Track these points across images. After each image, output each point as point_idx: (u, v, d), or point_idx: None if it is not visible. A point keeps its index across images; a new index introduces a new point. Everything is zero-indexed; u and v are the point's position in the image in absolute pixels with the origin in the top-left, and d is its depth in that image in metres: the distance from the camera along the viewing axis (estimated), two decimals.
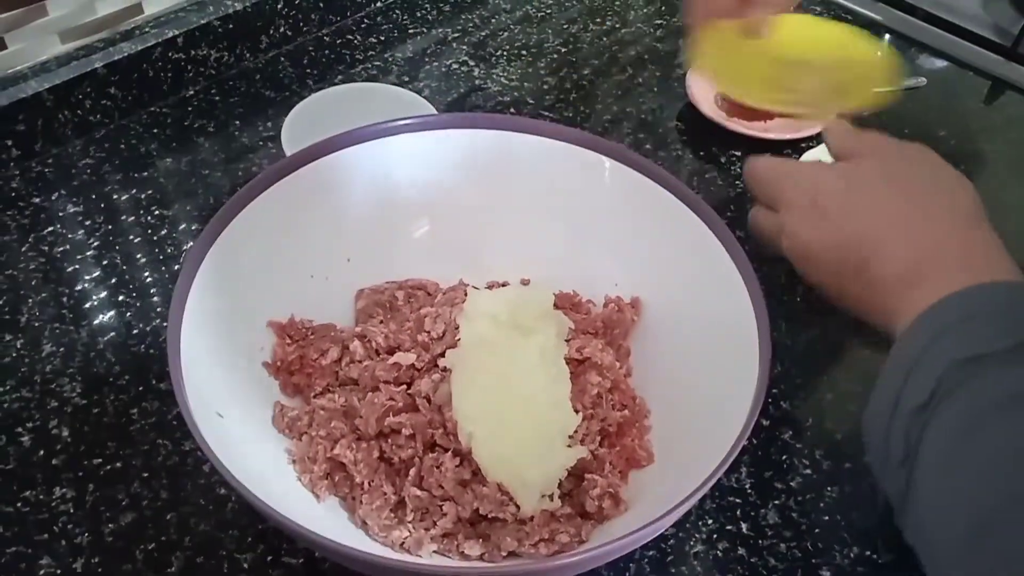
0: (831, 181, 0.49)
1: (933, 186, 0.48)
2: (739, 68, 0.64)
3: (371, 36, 0.91)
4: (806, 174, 0.50)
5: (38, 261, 0.68)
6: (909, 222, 0.46)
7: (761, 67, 0.64)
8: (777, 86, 0.64)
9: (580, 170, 0.60)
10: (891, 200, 0.47)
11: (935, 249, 0.44)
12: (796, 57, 0.64)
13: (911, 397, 0.39)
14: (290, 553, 0.52)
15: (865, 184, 0.48)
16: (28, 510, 0.53)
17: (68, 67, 0.75)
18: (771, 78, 0.64)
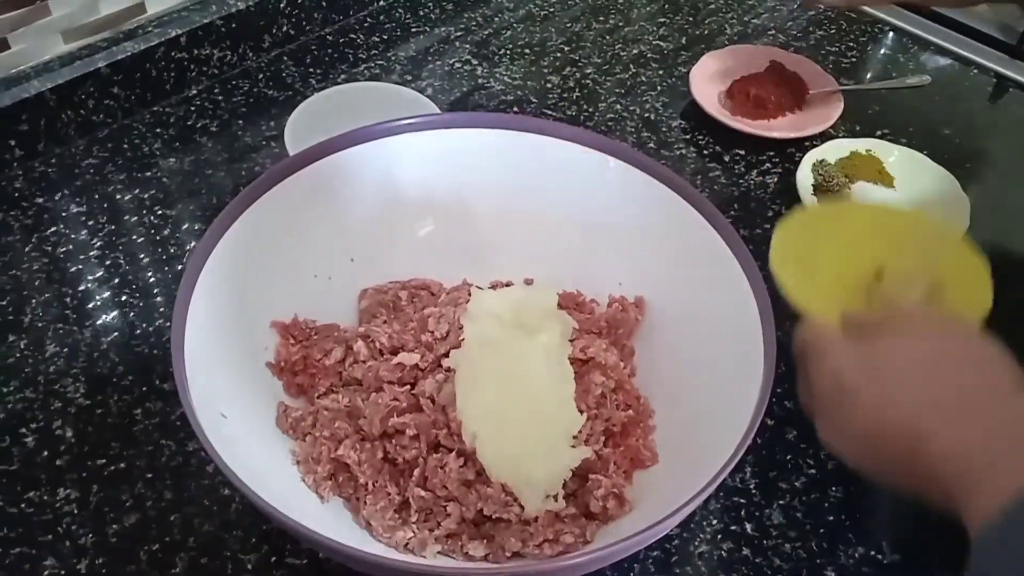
0: (855, 368, 0.45)
1: (966, 360, 0.45)
2: (817, 277, 0.59)
3: (374, 35, 0.91)
4: (829, 358, 0.46)
5: (41, 261, 0.68)
6: (951, 406, 0.42)
7: (841, 278, 0.59)
8: (856, 299, 0.59)
9: (584, 169, 0.60)
10: (925, 383, 0.44)
11: (989, 430, 0.41)
12: (878, 261, 0.59)
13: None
14: (294, 554, 0.52)
15: (893, 367, 0.45)
16: (32, 511, 0.53)
17: (71, 67, 0.75)
18: (851, 290, 0.59)
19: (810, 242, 0.60)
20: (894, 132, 0.82)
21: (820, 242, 0.61)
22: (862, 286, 0.59)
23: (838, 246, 0.61)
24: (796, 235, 0.60)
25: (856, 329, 0.48)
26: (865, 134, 0.80)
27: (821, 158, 0.76)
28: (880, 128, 0.83)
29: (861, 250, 0.62)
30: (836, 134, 0.81)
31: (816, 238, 0.61)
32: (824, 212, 0.65)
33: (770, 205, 0.76)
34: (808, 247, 0.60)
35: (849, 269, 0.60)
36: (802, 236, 0.60)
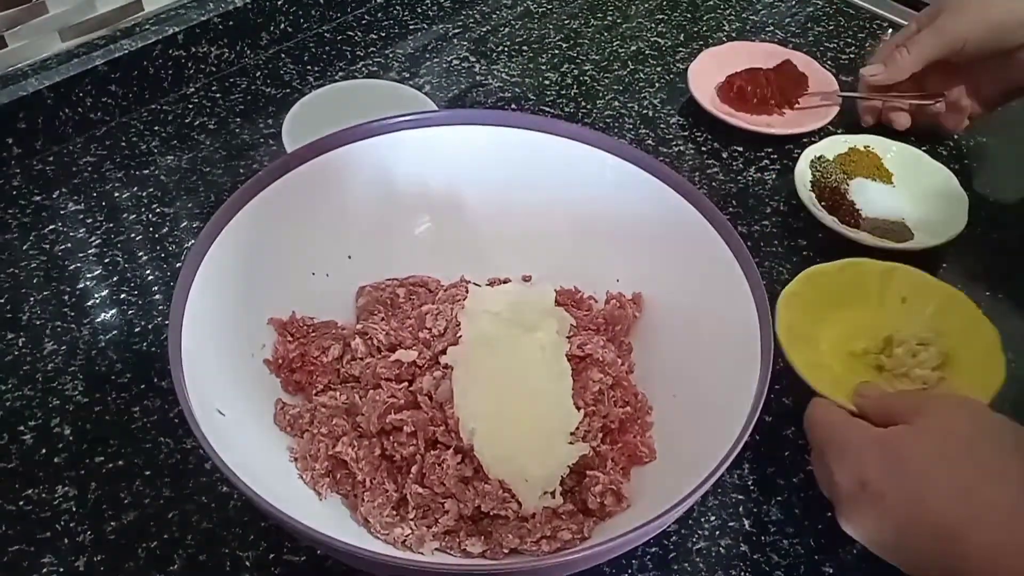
0: (879, 467, 0.44)
1: (991, 448, 0.43)
2: (825, 349, 0.60)
3: (372, 32, 0.91)
4: (850, 456, 0.46)
5: (39, 259, 0.68)
6: (979, 502, 0.41)
7: (849, 348, 0.61)
8: (867, 370, 0.60)
9: (581, 166, 0.60)
10: (952, 478, 0.42)
11: (1017, 532, 0.40)
12: (887, 327, 0.61)
13: None
14: (292, 551, 0.52)
15: (918, 463, 0.43)
16: (30, 508, 0.53)
17: (68, 65, 0.75)
18: (861, 361, 0.61)
19: (814, 311, 0.61)
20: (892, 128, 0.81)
21: (824, 309, 0.61)
22: (872, 355, 0.60)
23: (843, 311, 0.62)
24: (800, 304, 0.60)
25: (873, 412, 0.48)
26: (863, 130, 0.80)
27: (819, 154, 0.76)
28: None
29: (867, 314, 0.62)
30: (834, 130, 0.81)
31: (820, 304, 0.61)
32: (826, 273, 0.63)
33: (768, 201, 0.76)
34: (812, 316, 0.60)
35: (857, 337, 0.61)
36: (806, 304, 0.60)
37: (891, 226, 0.72)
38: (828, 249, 0.71)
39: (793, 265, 0.70)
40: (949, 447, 0.43)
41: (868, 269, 0.64)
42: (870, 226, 0.71)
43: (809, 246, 0.72)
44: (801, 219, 0.73)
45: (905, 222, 0.72)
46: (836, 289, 0.62)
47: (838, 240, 0.70)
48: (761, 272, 0.52)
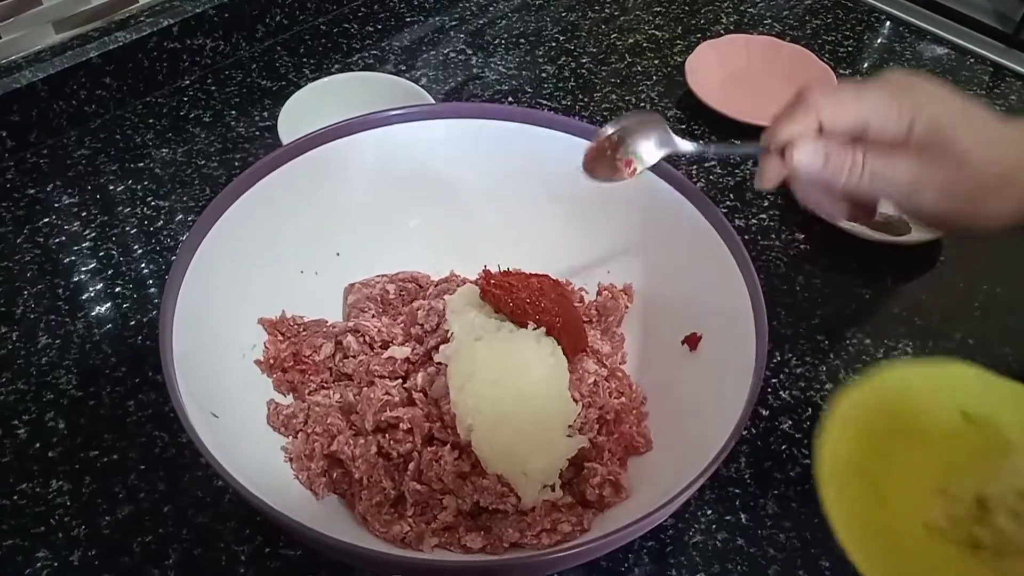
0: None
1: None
2: (893, 518, 0.40)
3: (368, 24, 0.91)
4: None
5: (33, 253, 0.67)
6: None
7: (926, 515, 0.40)
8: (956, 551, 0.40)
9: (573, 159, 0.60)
10: None
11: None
12: (972, 481, 0.41)
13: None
14: (288, 545, 0.52)
15: None
16: (25, 503, 0.53)
17: (62, 57, 0.74)
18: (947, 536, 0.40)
19: (871, 460, 0.41)
20: None
21: (885, 459, 0.41)
22: (959, 526, 0.40)
23: (896, 452, 0.41)
24: (850, 447, 0.41)
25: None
26: None
27: None
28: None
29: (925, 452, 0.41)
30: None
31: (876, 452, 0.41)
32: (882, 397, 0.43)
33: (766, 195, 0.75)
34: (869, 468, 0.41)
35: (923, 493, 0.41)
36: (858, 447, 0.41)
37: (889, 219, 0.71)
38: (825, 243, 0.71)
39: (790, 258, 0.70)
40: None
41: (907, 376, 0.46)
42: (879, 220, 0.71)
43: (806, 239, 0.72)
44: (798, 212, 0.73)
45: (903, 215, 0.72)
46: (881, 417, 0.43)
47: (835, 233, 0.70)
48: (758, 266, 0.52)
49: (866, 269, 0.70)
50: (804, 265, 0.70)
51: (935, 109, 0.45)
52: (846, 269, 0.70)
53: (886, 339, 0.65)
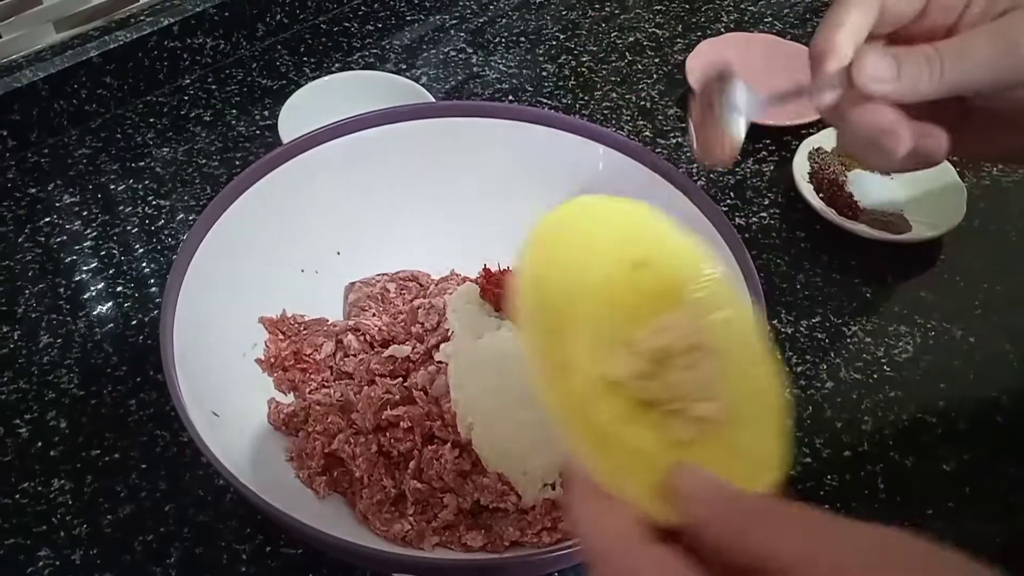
0: None
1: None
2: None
3: (368, 23, 0.90)
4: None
5: (35, 252, 0.67)
6: None
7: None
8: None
9: (574, 158, 0.60)
10: None
11: None
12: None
13: None
14: (289, 544, 0.52)
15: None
16: (26, 502, 0.53)
17: (63, 56, 0.74)
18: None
19: (559, 299, 0.36)
20: None
21: (570, 302, 0.36)
22: (636, 377, 0.35)
23: (589, 310, 0.36)
24: (544, 278, 0.36)
25: (727, 537, 0.26)
26: None
27: (818, 146, 0.76)
28: None
29: (623, 308, 0.36)
30: None
31: (563, 294, 0.36)
32: (573, 232, 0.40)
33: (766, 193, 0.75)
34: (558, 308, 0.36)
35: (603, 342, 0.35)
36: (555, 276, 0.37)
37: (889, 218, 0.71)
38: (826, 241, 0.71)
39: (791, 257, 0.70)
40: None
41: (600, 211, 0.40)
42: (868, 218, 0.71)
43: (807, 238, 0.72)
44: (799, 211, 0.73)
45: (903, 214, 0.72)
46: (578, 253, 0.38)
47: (836, 232, 0.70)
48: (758, 264, 0.52)
49: (867, 267, 0.70)
50: (804, 263, 0.70)
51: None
52: (847, 267, 0.70)
53: (887, 337, 0.65)
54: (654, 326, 0.36)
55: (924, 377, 0.63)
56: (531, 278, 0.36)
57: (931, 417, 0.61)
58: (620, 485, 0.28)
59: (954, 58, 0.37)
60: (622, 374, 0.34)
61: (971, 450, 0.59)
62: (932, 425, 0.60)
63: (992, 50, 0.37)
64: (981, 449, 0.59)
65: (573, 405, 0.32)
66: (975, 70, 0.37)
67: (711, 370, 0.35)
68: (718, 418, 0.34)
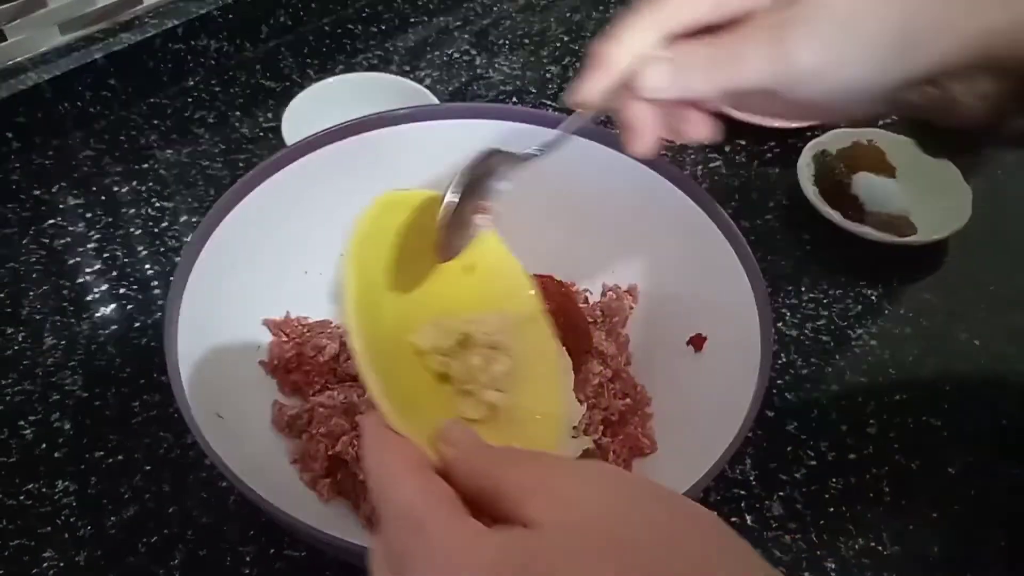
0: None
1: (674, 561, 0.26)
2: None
3: (372, 25, 0.91)
4: (439, 557, 0.27)
5: (39, 254, 0.67)
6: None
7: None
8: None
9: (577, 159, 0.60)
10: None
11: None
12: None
13: None
14: (292, 546, 0.52)
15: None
16: (31, 503, 0.53)
17: (68, 58, 0.74)
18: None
19: (384, 259, 0.40)
20: (896, 122, 0.81)
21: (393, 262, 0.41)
22: (439, 356, 0.41)
23: (412, 272, 0.41)
24: (374, 246, 0.40)
25: (463, 475, 0.30)
26: (867, 124, 0.80)
27: (822, 148, 0.75)
28: (882, 118, 0.82)
29: (434, 285, 0.41)
30: (838, 124, 0.80)
31: (392, 251, 0.41)
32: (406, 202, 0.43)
33: (771, 196, 0.75)
34: (382, 267, 0.40)
35: (419, 318, 0.41)
36: (380, 247, 0.41)
37: (894, 220, 0.71)
38: (831, 243, 0.71)
39: (796, 259, 0.70)
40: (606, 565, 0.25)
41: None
42: (873, 220, 0.71)
43: (812, 240, 0.72)
44: (804, 213, 0.72)
45: (908, 216, 0.72)
46: (413, 232, 0.41)
47: (841, 234, 0.70)
48: (763, 267, 0.52)
49: (871, 270, 0.70)
50: (809, 266, 0.70)
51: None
52: (851, 270, 0.70)
53: (892, 340, 0.65)
54: (465, 317, 0.42)
55: (929, 380, 0.63)
56: (363, 237, 0.40)
57: (936, 420, 0.61)
58: (404, 426, 0.33)
59: (727, 64, 0.38)
60: (426, 345, 0.40)
61: (976, 453, 0.59)
62: (937, 428, 0.60)
63: (764, 59, 0.37)
64: (986, 452, 0.59)
65: (379, 354, 0.35)
66: (747, 77, 0.38)
67: (505, 369, 0.41)
68: (503, 409, 0.40)
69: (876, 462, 0.58)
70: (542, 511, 0.27)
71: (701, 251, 0.55)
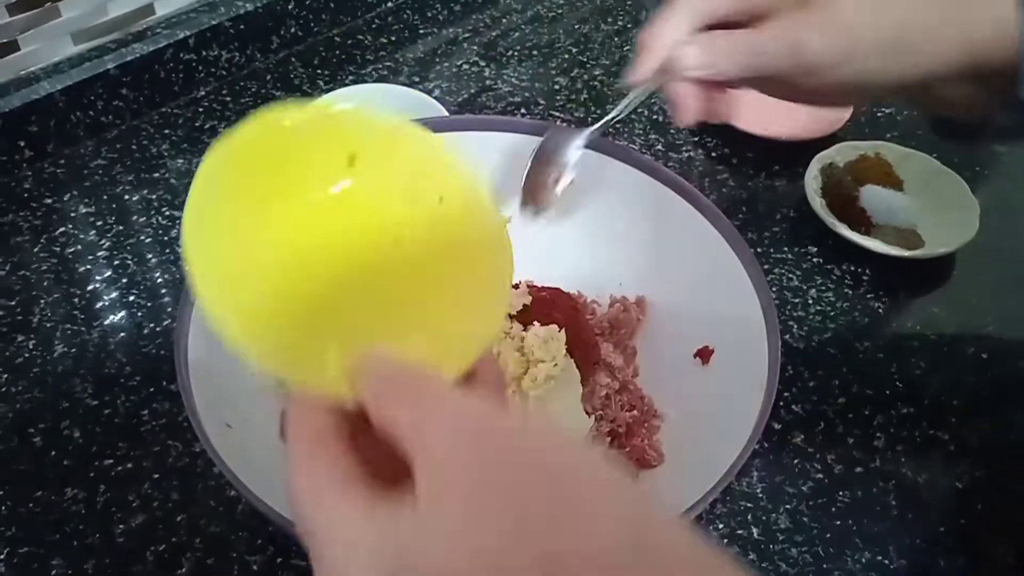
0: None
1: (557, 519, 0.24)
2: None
3: (381, 36, 0.91)
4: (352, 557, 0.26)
5: (50, 262, 0.68)
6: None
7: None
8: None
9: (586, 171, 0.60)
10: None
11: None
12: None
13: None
14: (300, 555, 0.52)
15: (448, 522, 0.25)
16: (40, 511, 0.54)
17: (80, 68, 0.75)
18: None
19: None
20: (903, 135, 0.81)
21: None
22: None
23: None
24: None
25: (374, 412, 0.28)
26: (874, 137, 0.80)
27: (830, 161, 0.76)
28: (889, 131, 0.82)
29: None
30: (845, 136, 0.80)
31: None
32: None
33: (778, 208, 0.75)
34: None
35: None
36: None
37: (902, 233, 0.71)
38: (838, 256, 0.71)
39: (803, 272, 0.70)
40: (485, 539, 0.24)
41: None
42: (881, 233, 0.71)
43: (819, 253, 0.72)
44: (811, 226, 0.72)
45: (916, 229, 0.72)
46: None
47: (848, 247, 0.70)
48: (771, 280, 0.52)
49: (879, 283, 0.70)
50: (817, 278, 0.70)
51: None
52: (859, 283, 0.70)
53: (899, 353, 0.65)
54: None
55: (937, 393, 0.63)
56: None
57: (944, 434, 0.61)
58: (311, 377, 0.30)
59: (748, 52, 0.46)
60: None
61: (984, 467, 0.59)
62: (945, 442, 0.60)
63: (781, 49, 0.45)
64: (994, 467, 0.59)
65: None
66: (764, 64, 0.46)
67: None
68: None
69: (883, 475, 0.58)
70: (422, 481, 0.26)
71: (708, 263, 0.55)
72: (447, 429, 0.27)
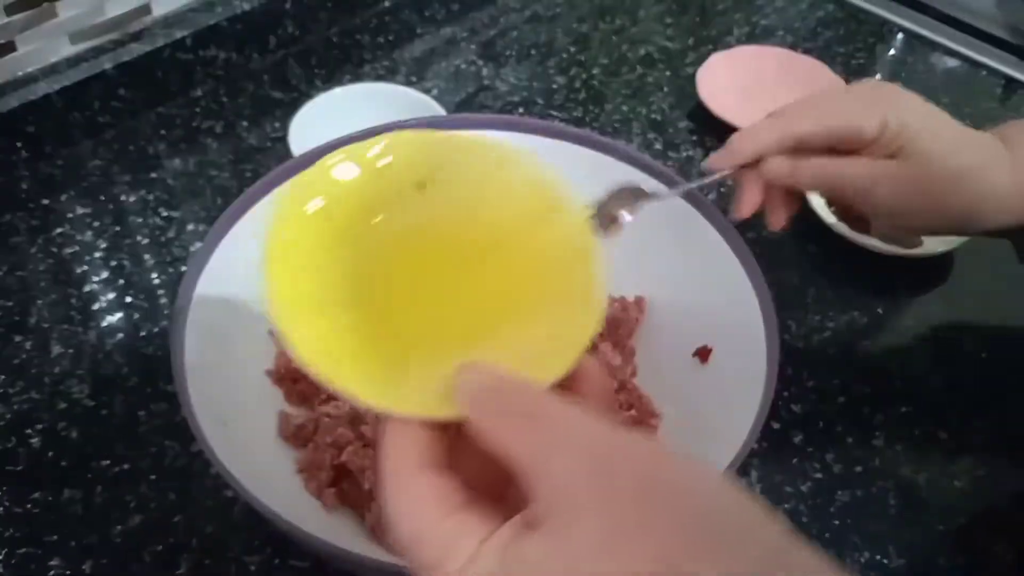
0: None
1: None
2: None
3: (379, 36, 0.91)
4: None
5: (47, 262, 0.68)
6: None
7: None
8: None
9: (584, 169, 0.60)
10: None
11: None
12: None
13: None
14: (297, 556, 0.52)
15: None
16: (38, 511, 0.53)
17: (77, 68, 0.75)
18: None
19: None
20: None
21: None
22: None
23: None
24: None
25: (489, 433, 0.28)
26: None
27: None
28: None
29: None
30: None
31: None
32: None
33: None
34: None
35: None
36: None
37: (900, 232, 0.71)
38: (837, 255, 0.71)
39: (802, 271, 0.70)
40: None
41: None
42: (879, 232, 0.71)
43: (818, 252, 0.72)
44: (811, 225, 0.72)
45: None
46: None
47: (847, 246, 0.70)
48: (769, 278, 0.52)
49: (878, 282, 0.70)
50: (816, 278, 0.70)
51: (903, 112, 0.49)
52: (858, 282, 0.70)
53: (898, 352, 0.65)
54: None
55: (936, 392, 0.63)
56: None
57: (943, 432, 0.60)
58: (404, 404, 0.29)
59: (833, 177, 0.51)
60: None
61: (984, 466, 0.59)
62: (944, 440, 0.60)
63: (856, 187, 0.51)
64: (994, 465, 0.59)
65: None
66: (841, 192, 0.52)
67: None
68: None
69: (882, 475, 0.58)
70: (543, 507, 0.25)
71: (707, 263, 0.55)
72: (572, 452, 0.26)
